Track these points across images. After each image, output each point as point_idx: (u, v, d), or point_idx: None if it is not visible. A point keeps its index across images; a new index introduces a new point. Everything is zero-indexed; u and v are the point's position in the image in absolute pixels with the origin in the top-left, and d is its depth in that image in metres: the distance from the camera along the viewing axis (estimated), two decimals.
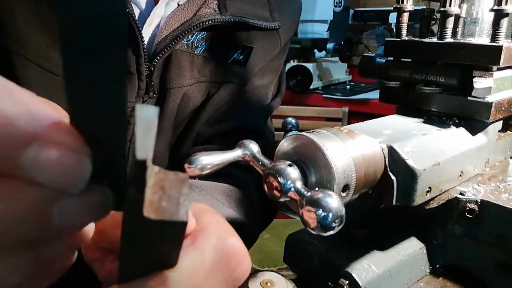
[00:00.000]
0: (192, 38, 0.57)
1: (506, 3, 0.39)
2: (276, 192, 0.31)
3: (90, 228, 0.23)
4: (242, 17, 0.58)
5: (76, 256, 0.23)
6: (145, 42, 0.52)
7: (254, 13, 0.60)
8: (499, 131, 0.46)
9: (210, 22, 0.55)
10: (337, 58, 2.29)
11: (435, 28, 0.47)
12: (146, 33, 0.54)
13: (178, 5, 0.56)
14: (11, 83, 0.17)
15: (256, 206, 0.61)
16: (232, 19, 0.57)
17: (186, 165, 0.34)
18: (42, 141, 0.17)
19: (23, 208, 0.17)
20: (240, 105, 0.66)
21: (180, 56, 0.57)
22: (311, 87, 2.14)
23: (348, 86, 2.30)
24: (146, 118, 0.16)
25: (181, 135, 0.65)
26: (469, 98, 0.42)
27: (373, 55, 0.51)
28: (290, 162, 0.32)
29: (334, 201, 0.27)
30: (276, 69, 0.71)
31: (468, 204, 0.41)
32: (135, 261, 0.20)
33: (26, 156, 0.16)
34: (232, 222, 0.56)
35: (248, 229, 0.59)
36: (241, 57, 0.62)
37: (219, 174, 0.60)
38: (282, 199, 0.31)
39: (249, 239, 0.61)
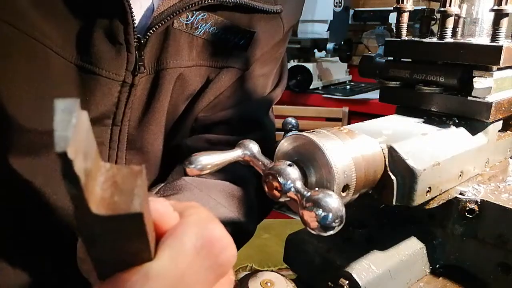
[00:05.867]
0: (192, 18, 0.56)
1: (506, 3, 0.39)
2: (276, 192, 0.31)
3: None
4: None
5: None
6: (133, 10, 0.50)
7: None
8: (499, 131, 0.46)
9: (210, 1, 0.54)
10: (337, 58, 2.29)
11: (435, 28, 0.47)
12: (138, 4, 0.53)
13: None
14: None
15: (254, 204, 0.61)
16: (233, 0, 0.55)
17: (186, 164, 0.34)
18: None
19: None
20: (240, 93, 0.65)
21: (178, 35, 0.55)
22: (311, 87, 2.14)
23: (348, 86, 2.30)
24: (64, 110, 0.15)
25: (179, 120, 0.63)
26: (469, 98, 0.42)
27: (373, 55, 0.51)
28: (290, 162, 0.32)
29: (334, 201, 0.27)
30: (277, 58, 0.70)
31: (468, 204, 0.41)
32: (106, 259, 0.20)
33: None
34: (230, 222, 0.56)
35: (246, 227, 0.59)
36: (242, 42, 0.61)
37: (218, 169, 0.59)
38: (282, 199, 0.31)
39: (246, 237, 0.61)
